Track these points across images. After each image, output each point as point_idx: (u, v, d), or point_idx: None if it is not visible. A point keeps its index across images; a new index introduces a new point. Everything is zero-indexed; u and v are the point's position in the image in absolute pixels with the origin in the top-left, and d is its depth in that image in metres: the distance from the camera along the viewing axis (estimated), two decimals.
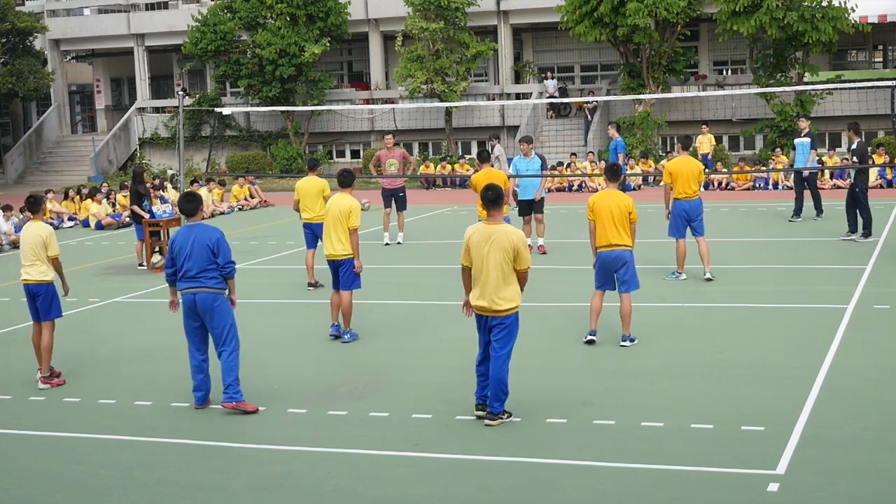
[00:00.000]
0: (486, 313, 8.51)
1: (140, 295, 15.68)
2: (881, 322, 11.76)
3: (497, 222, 8.51)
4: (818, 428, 8.15)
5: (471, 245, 8.53)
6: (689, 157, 14.53)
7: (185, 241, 9.27)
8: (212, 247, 9.21)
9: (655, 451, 7.83)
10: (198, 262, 9.21)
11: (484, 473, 7.61)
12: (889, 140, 29.70)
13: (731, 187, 28.78)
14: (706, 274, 14.34)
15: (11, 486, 7.76)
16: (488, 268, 8.39)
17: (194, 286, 9.23)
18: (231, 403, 9.20)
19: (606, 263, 10.95)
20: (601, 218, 10.86)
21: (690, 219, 14.24)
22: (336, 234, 11.58)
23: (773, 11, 29.38)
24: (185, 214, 9.50)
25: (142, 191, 18.65)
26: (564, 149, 33.86)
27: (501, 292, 8.40)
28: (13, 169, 41.82)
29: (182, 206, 9.50)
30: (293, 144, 37.34)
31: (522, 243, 8.47)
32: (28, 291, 10.59)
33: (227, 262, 9.29)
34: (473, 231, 8.58)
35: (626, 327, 11.06)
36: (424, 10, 33.82)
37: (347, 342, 11.71)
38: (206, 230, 9.33)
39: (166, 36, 40.66)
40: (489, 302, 8.43)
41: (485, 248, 8.41)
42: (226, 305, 9.33)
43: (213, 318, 9.26)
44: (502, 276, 8.39)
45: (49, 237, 10.53)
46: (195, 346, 9.43)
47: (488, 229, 8.48)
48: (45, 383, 10.44)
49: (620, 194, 11.00)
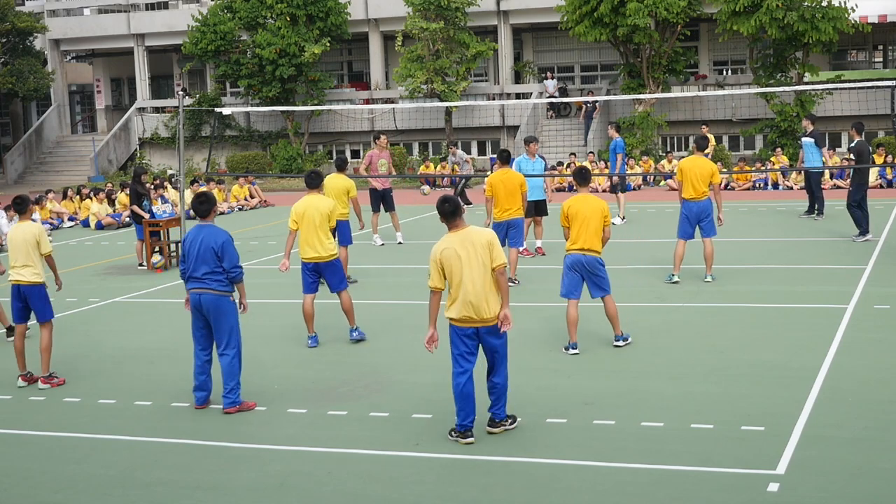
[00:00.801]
0: (474, 324, 8.06)
1: (140, 295, 15.68)
2: (881, 322, 11.76)
3: (462, 227, 8.11)
4: (818, 428, 8.15)
5: (444, 260, 8.02)
6: (702, 157, 14.34)
7: (194, 241, 9.29)
8: (217, 250, 9.18)
9: (655, 451, 7.83)
10: (203, 264, 9.20)
11: (484, 473, 7.61)
12: (889, 140, 29.70)
13: (731, 187, 28.77)
14: (707, 277, 14.27)
15: (11, 486, 7.76)
16: (472, 273, 7.96)
17: (200, 287, 9.24)
18: (233, 408, 9.23)
19: (578, 266, 10.72)
20: (576, 223, 10.67)
21: (699, 219, 14.06)
22: (318, 236, 11.42)
23: (773, 11, 29.37)
24: (198, 216, 9.45)
25: (142, 191, 18.65)
26: (564, 149, 33.85)
27: (490, 297, 8.03)
28: (13, 169, 41.83)
29: (195, 207, 9.46)
30: (293, 144, 37.35)
31: (494, 237, 8.15)
32: (19, 292, 10.50)
33: (233, 266, 9.23)
34: (443, 246, 8.07)
35: (616, 327, 10.99)
36: (424, 10, 33.82)
37: (356, 340, 11.70)
38: (214, 232, 9.28)
39: (166, 36, 40.66)
40: (477, 310, 8.00)
41: (462, 255, 7.97)
42: (229, 308, 9.29)
43: (216, 320, 9.26)
44: (487, 278, 7.98)
45: (41, 235, 10.48)
46: (200, 346, 9.42)
47: (459, 235, 8.07)
48: (45, 383, 10.43)
49: (594, 198, 10.82)
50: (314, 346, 11.64)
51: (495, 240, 8.16)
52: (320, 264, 11.49)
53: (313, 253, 11.45)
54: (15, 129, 48.07)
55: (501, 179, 14.44)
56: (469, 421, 8.19)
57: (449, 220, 8.12)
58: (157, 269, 17.79)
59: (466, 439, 8.17)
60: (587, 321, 11.41)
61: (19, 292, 10.50)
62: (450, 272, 8.05)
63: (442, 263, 8.07)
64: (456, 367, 8.20)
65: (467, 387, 8.15)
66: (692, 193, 13.99)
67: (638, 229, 20.26)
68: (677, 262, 14.27)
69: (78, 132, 46.02)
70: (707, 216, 14.06)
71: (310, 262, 11.51)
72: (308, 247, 11.46)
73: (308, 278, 11.59)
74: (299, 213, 11.49)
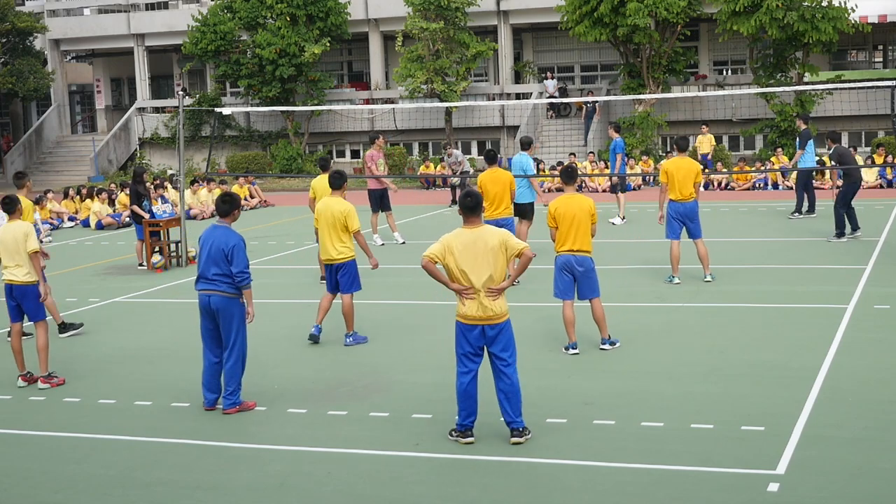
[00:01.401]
0: (482, 322, 8.00)
1: (140, 295, 15.67)
2: (881, 322, 11.75)
3: (478, 225, 8.08)
4: (818, 428, 8.15)
5: (453, 248, 7.97)
6: (686, 157, 14.25)
7: (206, 241, 9.26)
8: (227, 252, 9.10)
9: (655, 451, 7.83)
10: (213, 265, 9.14)
11: (484, 473, 7.61)
12: (889, 140, 29.69)
13: (731, 187, 28.77)
14: (706, 277, 14.23)
15: (11, 486, 7.76)
16: (480, 272, 7.92)
17: (209, 288, 9.19)
18: (233, 409, 9.21)
19: (569, 267, 10.65)
20: (565, 223, 10.57)
21: (685, 221, 14.00)
22: (331, 238, 11.49)
23: (773, 11, 29.37)
24: (219, 215, 9.40)
25: (142, 191, 18.65)
26: (564, 149, 33.86)
27: (497, 297, 8.02)
28: (13, 169, 41.80)
29: (218, 206, 9.44)
30: (293, 144, 37.35)
31: (507, 234, 8.15)
32: (11, 292, 10.47)
33: (240, 270, 9.11)
34: (457, 238, 8.03)
35: (603, 331, 10.89)
36: (424, 10, 33.82)
37: (349, 346, 11.68)
38: (227, 234, 9.20)
39: (166, 36, 40.67)
40: (484, 310, 7.98)
41: (472, 251, 7.95)
42: (237, 311, 9.21)
43: (225, 322, 9.20)
44: (497, 277, 7.96)
45: (29, 233, 10.42)
46: (209, 347, 9.33)
47: (473, 233, 8.03)
48: (44, 383, 10.43)
49: (582, 197, 10.73)
50: (316, 333, 11.75)
51: (508, 236, 8.12)
52: (333, 265, 11.58)
53: (325, 255, 11.60)
54: (15, 129, 48.07)
55: (490, 179, 14.56)
56: (470, 421, 8.17)
57: (469, 215, 8.07)
58: (157, 269, 17.78)
59: (466, 439, 8.16)
60: (587, 321, 11.39)
61: (12, 292, 10.48)
62: (457, 261, 7.99)
63: (451, 249, 8.00)
64: (460, 367, 8.17)
65: (470, 386, 8.11)
66: (678, 196, 13.91)
67: (638, 229, 20.26)
68: (674, 263, 14.23)
69: (78, 132, 46.03)
70: (694, 217, 13.99)
71: (326, 264, 11.68)
72: (322, 247, 11.64)
73: (327, 277, 11.74)
74: (319, 212, 11.68)
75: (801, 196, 21.20)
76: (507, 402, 8.10)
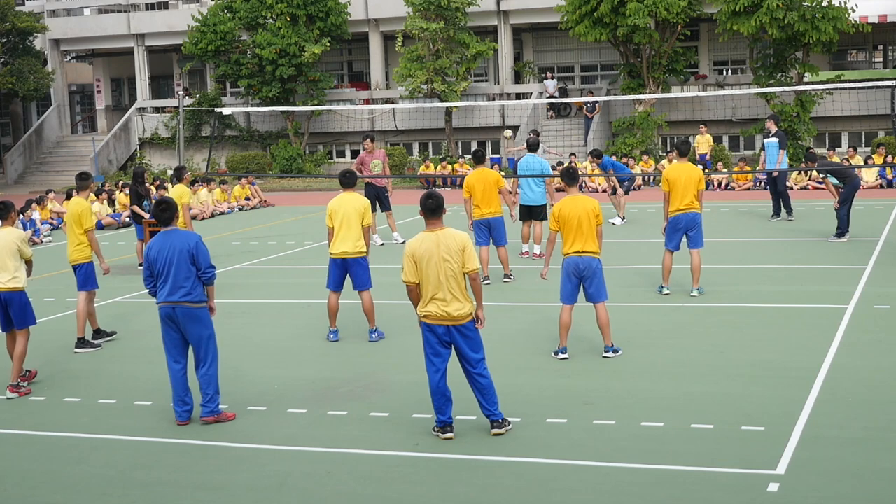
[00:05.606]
0: (445, 322, 8.18)
1: (140, 295, 15.67)
2: (881, 322, 11.76)
3: (439, 228, 8.31)
4: (818, 428, 8.15)
5: (418, 259, 8.21)
6: (687, 162, 13.44)
7: (162, 249, 8.93)
8: (192, 251, 8.86)
9: (655, 451, 7.83)
10: (178, 271, 8.86)
11: (484, 473, 7.61)
12: (889, 140, 29.70)
13: (731, 187, 28.78)
14: (693, 291, 13.41)
15: (11, 486, 7.76)
16: (444, 273, 8.14)
17: (174, 300, 8.87)
18: (212, 417, 8.95)
19: (576, 270, 10.48)
20: (569, 225, 10.41)
21: (687, 231, 13.26)
22: (349, 232, 11.52)
23: (773, 11, 29.37)
24: (161, 223, 9.08)
25: (142, 191, 18.65)
26: (564, 149, 33.83)
27: (462, 297, 8.18)
28: (13, 169, 41.83)
29: (156, 215, 9.08)
30: (293, 144, 37.36)
31: (468, 241, 8.32)
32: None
33: (208, 266, 8.97)
34: (418, 243, 8.28)
35: (607, 338, 10.64)
36: (424, 10, 33.82)
37: (374, 341, 11.73)
38: (184, 235, 9.01)
39: (166, 36, 40.66)
40: (448, 309, 8.16)
41: (436, 254, 8.16)
42: (206, 316, 9.03)
43: (195, 331, 8.94)
44: (459, 279, 8.16)
45: (23, 241, 10.33)
46: (174, 357, 9.02)
47: (435, 235, 8.26)
48: (13, 392, 10.15)
49: (585, 197, 10.57)
50: (335, 340, 11.78)
51: (469, 243, 8.32)
52: (348, 260, 11.59)
53: (342, 248, 11.56)
54: (15, 129, 48.05)
55: (478, 179, 14.57)
56: (447, 417, 8.33)
57: (430, 217, 8.31)
58: None
59: (446, 434, 8.29)
60: (587, 321, 11.39)
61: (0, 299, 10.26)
62: (423, 269, 8.20)
63: (416, 260, 8.24)
64: (430, 366, 8.32)
65: (441, 384, 8.29)
66: (679, 205, 13.12)
67: (638, 229, 20.25)
68: (666, 273, 13.60)
69: (78, 132, 46.02)
70: (696, 226, 13.24)
71: (338, 258, 11.63)
72: (339, 241, 11.59)
73: (334, 274, 11.71)
74: (333, 209, 11.64)
75: (777, 200, 21.01)
76: (482, 397, 8.32)
